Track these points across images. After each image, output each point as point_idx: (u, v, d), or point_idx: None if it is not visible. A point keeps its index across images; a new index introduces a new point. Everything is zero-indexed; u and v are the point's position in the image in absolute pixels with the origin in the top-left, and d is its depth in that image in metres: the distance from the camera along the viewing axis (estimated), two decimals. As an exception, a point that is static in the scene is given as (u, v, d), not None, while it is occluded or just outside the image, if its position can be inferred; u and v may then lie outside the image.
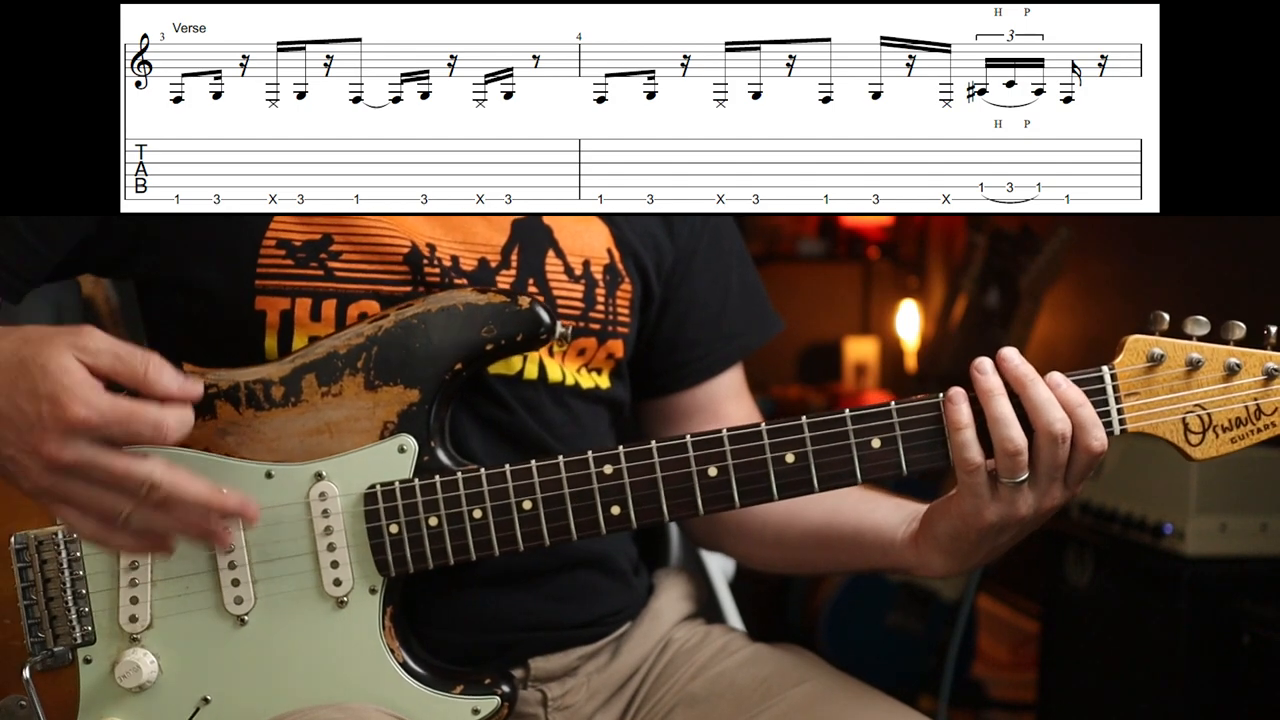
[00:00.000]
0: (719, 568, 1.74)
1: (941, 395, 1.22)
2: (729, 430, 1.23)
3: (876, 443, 1.23)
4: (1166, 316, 1.23)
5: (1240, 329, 1.22)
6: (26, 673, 1.22)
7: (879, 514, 1.37)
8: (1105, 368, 1.22)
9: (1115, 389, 1.22)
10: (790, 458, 1.23)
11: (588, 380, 1.42)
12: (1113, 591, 2.71)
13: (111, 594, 1.23)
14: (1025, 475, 1.18)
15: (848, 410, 1.23)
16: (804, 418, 1.23)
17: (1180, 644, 2.48)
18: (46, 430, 1.06)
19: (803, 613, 3.71)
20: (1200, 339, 1.23)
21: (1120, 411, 1.22)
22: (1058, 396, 1.18)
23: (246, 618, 1.24)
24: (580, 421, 1.41)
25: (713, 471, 1.24)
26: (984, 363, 1.20)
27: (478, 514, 1.24)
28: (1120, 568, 2.69)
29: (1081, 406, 1.19)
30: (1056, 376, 1.20)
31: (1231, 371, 1.22)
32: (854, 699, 1.34)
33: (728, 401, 1.54)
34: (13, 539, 1.23)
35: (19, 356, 1.08)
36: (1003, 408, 1.18)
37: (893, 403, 1.23)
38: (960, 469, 1.20)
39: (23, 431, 1.07)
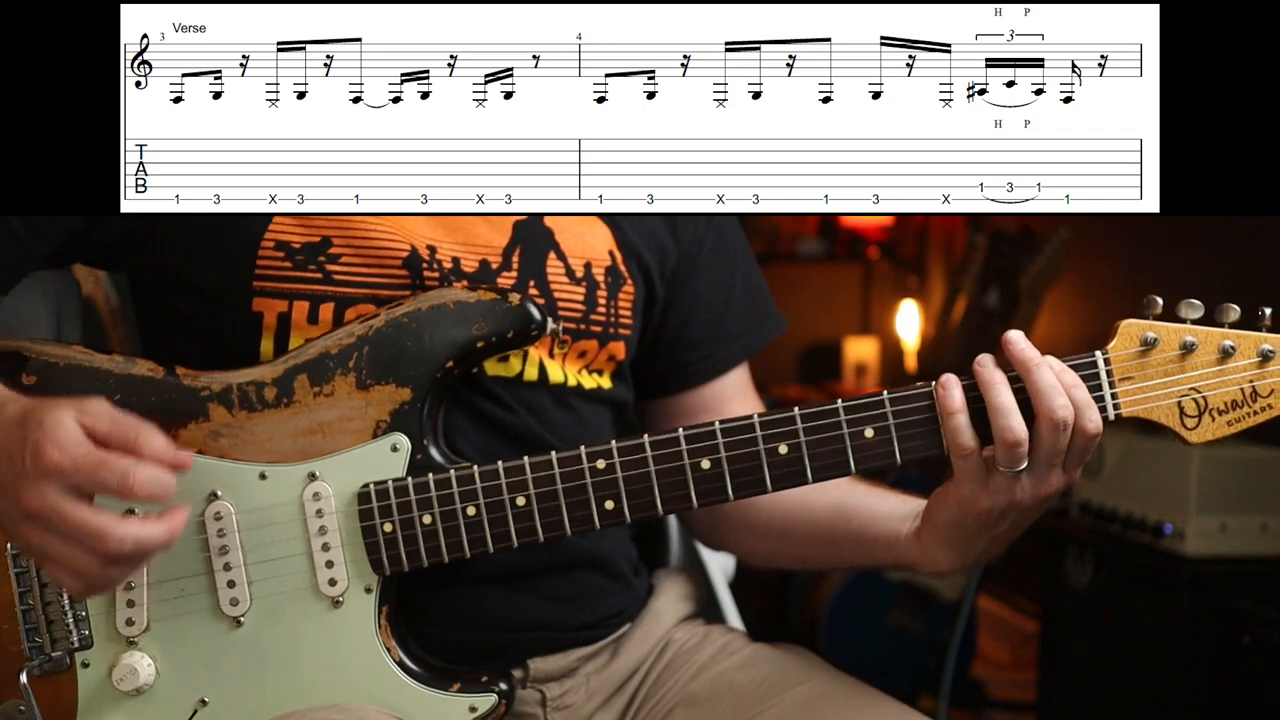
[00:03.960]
0: (719, 568, 1.74)
1: (934, 383, 1.21)
2: (721, 423, 1.23)
3: (870, 432, 1.22)
4: (1160, 301, 1.22)
5: (1235, 311, 1.22)
6: (24, 678, 1.22)
7: (885, 508, 1.37)
8: (1099, 352, 1.22)
9: (1109, 373, 1.22)
10: (783, 449, 1.23)
11: (590, 381, 1.42)
12: (1113, 591, 2.71)
13: (108, 597, 1.23)
14: (1025, 465, 1.18)
15: (840, 400, 1.22)
16: (796, 409, 1.23)
17: (1180, 644, 2.48)
18: (25, 477, 1.07)
19: (803, 612, 3.70)
20: (1194, 322, 1.22)
21: (1114, 396, 1.22)
22: None
23: (242, 619, 1.24)
24: (584, 421, 1.41)
25: (706, 464, 1.23)
26: (985, 357, 1.20)
27: (471, 511, 1.24)
28: (1120, 568, 2.69)
29: (1076, 388, 1.19)
30: (1050, 360, 1.19)
31: (1226, 354, 1.22)
32: (854, 699, 1.33)
33: (732, 401, 1.54)
34: (10, 544, 1.22)
35: (27, 414, 1.10)
36: (1004, 397, 1.18)
37: (885, 392, 1.22)
38: (954, 454, 1.20)
39: (10, 481, 1.08)
